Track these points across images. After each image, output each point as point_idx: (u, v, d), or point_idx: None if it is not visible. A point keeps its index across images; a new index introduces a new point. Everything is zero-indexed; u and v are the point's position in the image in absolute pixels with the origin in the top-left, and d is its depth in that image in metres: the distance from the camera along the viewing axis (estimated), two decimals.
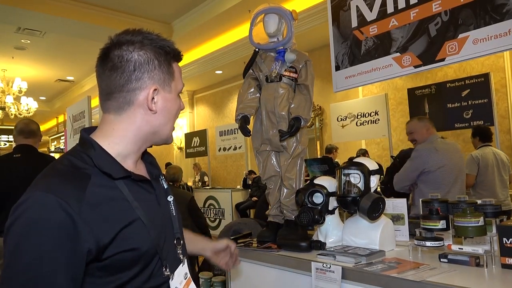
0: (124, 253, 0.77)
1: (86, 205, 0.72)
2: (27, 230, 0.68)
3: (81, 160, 0.80)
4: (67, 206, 0.70)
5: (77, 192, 0.73)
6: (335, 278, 1.25)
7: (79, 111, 5.17)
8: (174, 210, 0.95)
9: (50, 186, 0.73)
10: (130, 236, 0.78)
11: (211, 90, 10.12)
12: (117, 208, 0.78)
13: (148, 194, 0.88)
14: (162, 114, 0.88)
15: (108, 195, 0.78)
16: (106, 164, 0.80)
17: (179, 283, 0.89)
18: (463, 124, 4.26)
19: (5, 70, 9.04)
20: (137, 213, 0.80)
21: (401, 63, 2.03)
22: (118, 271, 0.78)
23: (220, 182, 9.88)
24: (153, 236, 0.82)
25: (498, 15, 1.69)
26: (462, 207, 1.32)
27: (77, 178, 0.76)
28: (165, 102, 0.88)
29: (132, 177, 0.84)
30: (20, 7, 5.75)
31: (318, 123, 7.60)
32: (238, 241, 1.77)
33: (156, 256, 0.84)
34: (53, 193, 0.71)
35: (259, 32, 1.75)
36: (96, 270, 0.75)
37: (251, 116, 1.73)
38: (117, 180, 0.81)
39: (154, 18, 7.08)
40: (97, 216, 0.74)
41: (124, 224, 0.78)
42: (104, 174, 0.79)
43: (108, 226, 0.75)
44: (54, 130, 14.82)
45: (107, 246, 0.74)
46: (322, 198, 1.47)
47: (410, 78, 6.00)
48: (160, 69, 0.86)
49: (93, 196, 0.75)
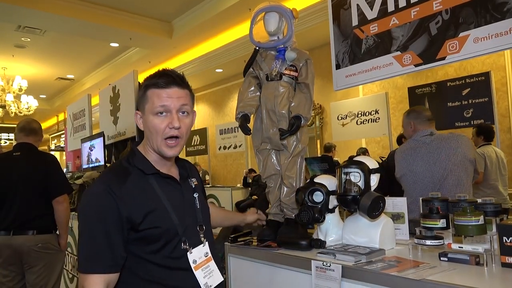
0: (152, 229, 1.09)
1: (124, 191, 1.09)
2: (89, 209, 1.10)
3: (127, 162, 1.18)
4: (111, 191, 1.07)
5: (120, 182, 1.10)
6: (335, 276, 1.25)
7: (79, 109, 5.17)
8: (199, 204, 1.25)
9: (103, 179, 1.15)
10: (156, 217, 1.10)
11: (212, 89, 10.12)
12: (147, 196, 1.12)
13: (173, 188, 1.20)
14: (147, 132, 1.19)
15: (142, 186, 1.13)
16: (141, 163, 1.17)
17: (198, 258, 1.17)
18: (463, 123, 4.26)
19: (5, 68, 9.04)
20: (162, 202, 1.13)
21: (402, 62, 2.03)
22: (149, 242, 1.10)
23: (220, 181, 9.89)
24: (173, 219, 1.13)
25: (499, 14, 1.69)
26: (462, 205, 1.31)
27: (121, 173, 1.14)
28: (145, 122, 1.18)
29: (160, 174, 1.17)
30: (20, 5, 5.74)
31: (319, 121, 7.60)
32: (238, 239, 1.77)
33: (178, 235, 1.13)
34: (104, 183, 1.11)
35: (259, 31, 1.74)
36: (135, 240, 1.09)
37: (252, 115, 1.73)
38: (149, 176, 1.15)
39: (155, 16, 7.07)
40: (131, 199, 1.09)
41: (151, 208, 1.10)
42: (140, 170, 1.15)
43: (139, 206, 1.09)
44: (54, 128, 14.82)
45: (140, 222, 1.08)
46: (322, 196, 1.47)
47: (410, 76, 5.99)
48: (140, 98, 1.19)
49: (131, 186, 1.11)
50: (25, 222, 2.65)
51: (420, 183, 2.38)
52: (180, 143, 1.17)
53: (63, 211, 2.76)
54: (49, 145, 13.55)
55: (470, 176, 2.34)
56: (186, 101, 1.18)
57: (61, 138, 12.21)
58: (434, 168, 2.34)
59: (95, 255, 1.05)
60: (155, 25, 7.22)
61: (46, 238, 2.73)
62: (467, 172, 2.32)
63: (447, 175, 2.30)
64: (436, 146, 2.38)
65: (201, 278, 1.16)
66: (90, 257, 1.06)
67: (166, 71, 1.17)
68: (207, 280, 1.17)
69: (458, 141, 2.34)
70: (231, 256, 1.73)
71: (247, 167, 7.59)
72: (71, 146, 5.57)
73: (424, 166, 2.38)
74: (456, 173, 2.30)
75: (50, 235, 2.76)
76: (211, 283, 1.18)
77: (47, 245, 2.73)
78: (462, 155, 2.30)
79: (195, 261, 1.16)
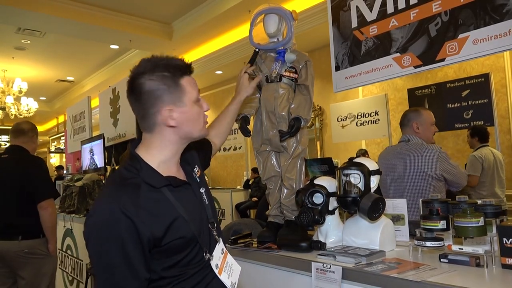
0: (176, 240, 0.99)
1: (142, 210, 0.95)
2: (103, 230, 0.93)
3: (132, 172, 1.02)
4: (126, 210, 0.92)
5: (133, 198, 0.96)
6: (335, 278, 1.25)
7: (79, 111, 5.18)
8: (207, 199, 1.15)
9: (113, 196, 0.97)
10: (177, 228, 0.99)
11: (211, 90, 10.13)
12: (164, 208, 1.00)
13: (186, 191, 1.09)
14: (185, 124, 1.05)
15: (156, 198, 1.00)
16: (149, 177, 1.01)
17: (218, 260, 1.10)
18: (463, 124, 4.26)
19: (5, 71, 9.04)
20: (179, 211, 1.01)
21: (401, 63, 2.03)
22: (173, 254, 1.00)
23: (220, 182, 9.88)
24: (193, 229, 1.03)
25: (498, 15, 1.69)
26: (462, 207, 1.31)
27: (130, 188, 0.98)
28: (183, 115, 1.03)
29: (172, 185, 1.03)
30: (20, 8, 5.75)
31: (318, 123, 7.60)
32: (238, 241, 1.77)
33: (197, 244, 1.04)
34: (116, 202, 0.94)
35: (259, 33, 1.75)
36: (157, 254, 0.98)
37: (251, 116, 1.74)
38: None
39: (154, 18, 7.08)
40: (150, 216, 0.96)
41: (170, 220, 0.99)
42: (148, 184, 1.00)
43: (159, 222, 0.97)
44: (54, 130, 14.82)
45: (163, 237, 0.96)
46: (322, 198, 1.47)
47: (410, 78, 6.00)
48: (169, 91, 1.02)
49: (145, 201, 0.97)
50: (10, 226, 2.58)
51: (387, 191, 2.30)
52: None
53: (47, 216, 2.64)
54: (49, 147, 13.55)
55: (432, 186, 2.17)
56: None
57: (61, 140, 12.21)
58: (395, 174, 2.26)
59: (117, 286, 0.93)
60: (155, 27, 7.23)
61: (33, 243, 2.63)
62: (425, 182, 2.17)
63: (403, 179, 2.22)
64: (404, 153, 2.27)
65: (226, 280, 1.11)
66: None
67: (171, 58, 1.06)
68: (231, 279, 1.13)
69: (423, 154, 2.17)
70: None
71: (247, 169, 7.58)
72: (71, 148, 5.57)
73: (390, 173, 2.29)
74: (413, 179, 2.20)
75: (37, 240, 2.65)
76: (234, 279, 1.15)
77: (34, 251, 2.63)
78: (418, 168, 2.17)
79: (217, 265, 1.10)
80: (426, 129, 2.33)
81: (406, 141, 2.32)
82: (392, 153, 2.37)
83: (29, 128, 2.84)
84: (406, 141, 2.32)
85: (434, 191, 2.12)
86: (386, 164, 2.32)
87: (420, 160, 2.18)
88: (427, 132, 2.34)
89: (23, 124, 2.86)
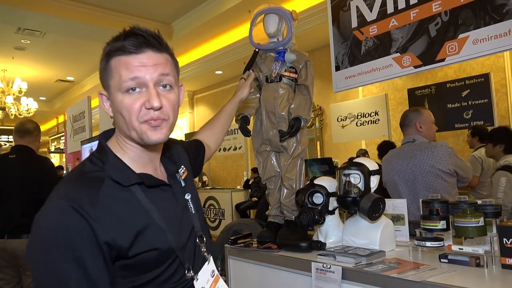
0: (148, 252, 0.79)
1: (99, 209, 0.75)
2: (50, 235, 0.72)
3: (96, 165, 0.82)
4: (79, 208, 0.73)
5: (91, 196, 0.75)
6: (335, 278, 1.25)
7: (79, 111, 5.17)
8: (193, 208, 0.93)
9: (65, 192, 0.76)
10: (149, 238, 0.80)
11: (211, 91, 10.12)
12: (132, 211, 0.79)
13: (164, 194, 0.88)
14: (116, 118, 0.84)
15: (122, 198, 0.79)
16: (117, 173, 0.81)
17: (205, 283, 0.89)
18: (463, 124, 4.27)
19: (5, 71, 9.04)
20: (152, 217, 0.81)
21: (401, 63, 2.03)
22: (145, 269, 0.80)
23: (220, 183, 9.88)
24: (170, 240, 0.82)
25: (498, 15, 1.69)
26: (462, 207, 1.31)
27: (89, 182, 0.78)
28: (113, 103, 0.83)
29: (145, 184, 0.83)
30: (20, 7, 5.75)
31: (318, 123, 7.60)
32: (238, 241, 1.77)
33: (177, 258, 0.84)
34: (66, 198, 0.74)
35: (259, 33, 1.75)
36: (126, 269, 0.78)
37: (251, 116, 1.74)
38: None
39: (154, 18, 7.08)
40: (112, 219, 0.76)
41: (140, 227, 0.79)
42: (115, 182, 0.80)
43: (123, 227, 0.77)
44: (54, 130, 14.81)
45: (129, 247, 0.77)
46: (322, 198, 1.47)
47: (410, 78, 6.00)
48: (102, 71, 0.84)
49: (108, 200, 0.77)
50: (20, 225, 2.62)
51: (398, 192, 2.30)
52: (167, 125, 0.83)
53: None
54: (49, 147, 13.56)
55: (447, 182, 2.18)
56: (167, 70, 0.83)
57: (61, 140, 12.22)
58: (405, 175, 2.25)
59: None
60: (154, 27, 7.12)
61: None
62: (440, 179, 2.16)
63: (415, 179, 2.21)
64: (411, 153, 2.26)
65: None
66: None
67: (134, 29, 0.83)
68: None
69: (433, 152, 2.17)
70: (231, 258, 1.73)
71: (247, 169, 7.58)
72: (71, 148, 5.57)
73: (400, 174, 2.29)
74: (425, 178, 2.19)
75: None
76: None
77: None
78: (431, 166, 2.16)
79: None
80: (428, 127, 2.34)
81: (411, 142, 2.31)
82: (398, 154, 2.36)
83: (34, 127, 2.90)
84: (412, 141, 2.31)
85: (449, 187, 2.15)
86: (393, 166, 2.32)
87: (431, 157, 2.17)
88: (429, 131, 2.35)
89: (28, 124, 2.91)
